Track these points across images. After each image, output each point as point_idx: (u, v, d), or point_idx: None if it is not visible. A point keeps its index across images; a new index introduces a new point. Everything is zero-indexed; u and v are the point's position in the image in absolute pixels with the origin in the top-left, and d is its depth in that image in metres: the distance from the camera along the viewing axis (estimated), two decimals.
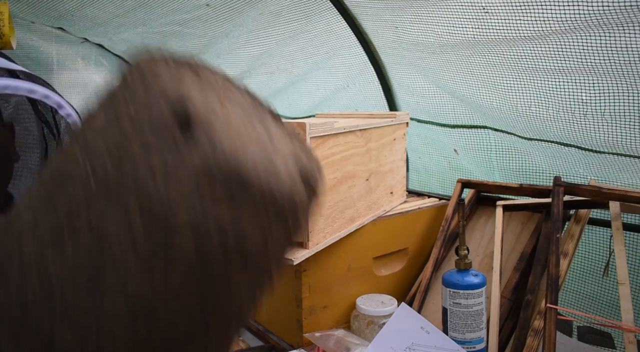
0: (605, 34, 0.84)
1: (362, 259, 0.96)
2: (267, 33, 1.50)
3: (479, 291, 0.79)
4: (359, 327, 0.89)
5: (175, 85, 0.31)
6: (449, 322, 0.80)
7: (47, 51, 1.85)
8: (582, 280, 1.11)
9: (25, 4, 1.49)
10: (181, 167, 0.29)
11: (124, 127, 0.30)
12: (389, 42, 1.27)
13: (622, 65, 0.86)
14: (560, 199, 0.89)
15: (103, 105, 0.33)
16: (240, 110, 0.37)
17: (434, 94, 1.30)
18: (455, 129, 1.32)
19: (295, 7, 1.33)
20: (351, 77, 1.53)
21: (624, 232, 0.81)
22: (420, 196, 1.20)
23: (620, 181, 1.01)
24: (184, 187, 0.29)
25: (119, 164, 0.30)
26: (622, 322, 0.72)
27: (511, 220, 0.99)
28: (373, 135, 0.96)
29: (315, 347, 0.84)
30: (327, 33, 1.40)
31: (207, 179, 0.29)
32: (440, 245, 1.00)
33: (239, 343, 0.95)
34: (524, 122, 1.10)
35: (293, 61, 1.60)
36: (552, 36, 0.91)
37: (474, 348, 0.79)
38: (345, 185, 0.88)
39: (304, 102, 1.78)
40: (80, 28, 1.75)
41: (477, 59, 1.07)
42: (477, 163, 1.30)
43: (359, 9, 1.25)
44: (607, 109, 0.93)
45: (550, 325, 0.74)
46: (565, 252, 0.85)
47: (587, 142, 1.02)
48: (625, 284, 0.75)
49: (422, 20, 1.10)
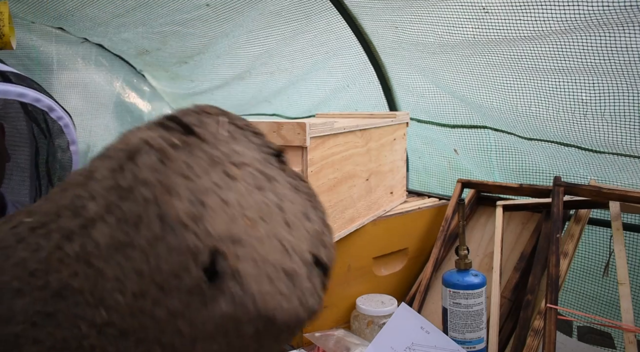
0: (605, 34, 0.84)
1: (362, 259, 0.96)
2: (267, 33, 1.50)
3: (479, 291, 0.79)
4: (359, 327, 0.89)
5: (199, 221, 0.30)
6: (449, 322, 0.80)
7: (47, 51, 1.84)
8: (582, 280, 1.11)
9: (25, 4, 1.49)
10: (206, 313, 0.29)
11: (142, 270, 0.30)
12: (389, 42, 1.27)
13: (622, 65, 0.86)
14: (560, 199, 0.88)
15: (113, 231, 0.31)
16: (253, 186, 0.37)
17: (434, 94, 1.30)
18: (455, 129, 1.32)
19: (295, 7, 1.33)
20: (351, 77, 1.53)
21: (624, 232, 0.81)
22: (420, 196, 1.20)
23: (620, 180, 1.01)
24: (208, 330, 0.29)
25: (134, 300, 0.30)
26: (622, 322, 0.72)
27: (511, 220, 0.99)
28: (373, 135, 0.96)
29: (315, 347, 0.84)
30: (327, 33, 1.40)
31: (235, 324, 0.29)
32: (440, 245, 1.00)
33: None
34: (524, 122, 1.10)
35: (293, 61, 1.60)
36: (552, 36, 0.91)
37: (474, 348, 0.79)
38: (345, 185, 0.88)
39: (304, 102, 1.78)
40: (80, 28, 1.75)
41: (477, 59, 1.07)
42: (477, 163, 1.30)
43: (359, 9, 1.25)
44: (607, 109, 0.93)
45: (550, 325, 0.74)
46: (565, 252, 0.85)
47: (587, 142, 1.02)
48: (625, 284, 0.75)
49: (422, 20, 1.10)
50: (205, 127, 0.37)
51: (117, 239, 0.30)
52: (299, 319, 0.32)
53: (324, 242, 0.40)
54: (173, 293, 0.29)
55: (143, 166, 0.30)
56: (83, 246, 0.32)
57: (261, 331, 0.30)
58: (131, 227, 0.30)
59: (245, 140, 0.41)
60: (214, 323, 0.29)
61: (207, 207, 0.31)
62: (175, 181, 0.31)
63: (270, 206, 0.38)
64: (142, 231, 0.29)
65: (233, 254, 0.30)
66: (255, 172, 0.39)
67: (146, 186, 0.30)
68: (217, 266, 0.29)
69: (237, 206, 0.34)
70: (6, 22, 0.98)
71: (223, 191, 0.34)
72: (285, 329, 0.31)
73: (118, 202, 0.31)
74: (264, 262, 0.32)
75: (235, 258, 0.30)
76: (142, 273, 0.29)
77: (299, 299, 0.33)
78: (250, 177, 0.38)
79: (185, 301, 0.29)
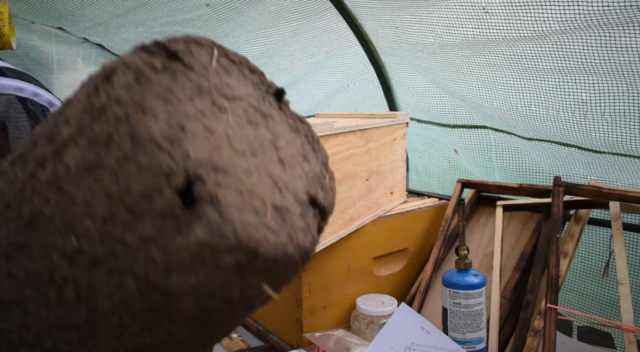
0: (605, 34, 0.84)
1: (362, 259, 0.96)
2: (267, 33, 1.50)
3: (479, 291, 0.79)
4: (359, 327, 0.89)
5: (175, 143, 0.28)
6: (449, 322, 0.80)
7: (47, 51, 1.85)
8: (582, 280, 1.11)
9: (25, 4, 1.49)
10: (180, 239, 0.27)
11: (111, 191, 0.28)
12: (389, 42, 1.27)
13: (622, 65, 0.86)
14: (560, 199, 0.89)
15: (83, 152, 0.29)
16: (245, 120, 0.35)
17: (434, 94, 1.30)
18: (455, 129, 1.32)
19: (295, 7, 1.33)
20: (351, 77, 1.53)
21: (624, 232, 0.81)
22: (420, 196, 1.20)
23: (620, 180, 1.01)
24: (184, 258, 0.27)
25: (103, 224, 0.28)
26: (622, 322, 0.72)
27: (511, 220, 0.99)
28: (373, 135, 0.96)
29: (315, 347, 0.84)
30: (327, 33, 1.40)
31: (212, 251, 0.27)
32: (440, 245, 1.00)
33: (239, 343, 0.95)
34: (524, 122, 1.10)
35: (293, 61, 1.60)
36: (552, 36, 0.91)
37: (474, 348, 0.79)
38: (345, 185, 0.88)
39: (304, 102, 1.78)
40: (80, 28, 1.75)
41: (477, 59, 1.07)
42: (477, 163, 1.30)
43: (359, 9, 1.25)
44: (607, 109, 0.93)
45: (550, 325, 0.74)
46: (565, 252, 0.85)
47: (587, 142, 1.02)
48: (625, 284, 0.75)
49: (422, 20, 1.10)
50: (194, 56, 0.33)
51: (87, 161, 0.29)
52: (287, 255, 0.30)
53: (323, 185, 0.38)
54: (144, 217, 0.27)
55: (117, 85, 0.28)
56: (54, 171, 0.30)
57: (243, 265, 0.28)
58: (101, 147, 0.28)
59: (241, 76, 0.38)
60: (189, 252, 0.27)
61: (188, 132, 0.29)
62: (152, 102, 0.28)
63: (263, 142, 0.35)
64: (112, 151, 0.27)
65: (213, 181, 0.28)
66: (249, 107, 0.36)
67: (118, 104, 0.28)
68: (194, 191, 0.27)
69: (223, 136, 0.31)
70: (6, 22, 0.98)
71: (208, 119, 0.31)
72: (272, 266, 0.29)
73: (90, 123, 0.29)
74: (250, 195, 0.30)
75: (216, 185, 0.28)
76: (112, 195, 0.27)
77: (288, 235, 0.30)
78: (242, 111, 0.35)
79: (157, 226, 0.27)
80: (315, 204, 0.36)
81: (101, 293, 0.29)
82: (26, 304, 0.32)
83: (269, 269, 0.29)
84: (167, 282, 0.27)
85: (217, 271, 0.27)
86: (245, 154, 0.32)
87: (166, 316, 0.29)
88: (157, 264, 0.27)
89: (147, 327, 0.29)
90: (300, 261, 0.31)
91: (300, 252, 0.31)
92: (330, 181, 0.39)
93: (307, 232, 0.33)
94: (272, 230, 0.29)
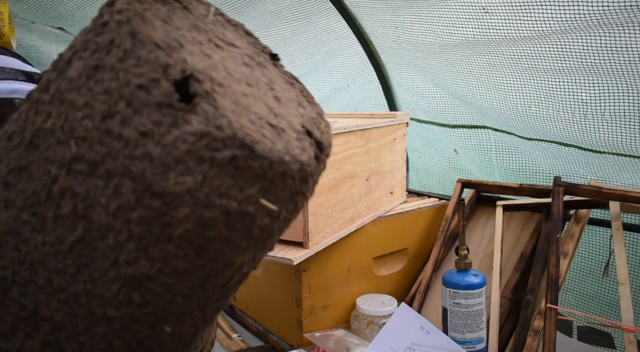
0: (605, 34, 0.84)
1: (362, 259, 0.96)
2: (267, 33, 1.50)
3: (479, 291, 0.79)
4: (359, 327, 0.89)
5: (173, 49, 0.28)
6: (449, 322, 0.80)
7: (47, 51, 1.84)
8: (582, 280, 1.11)
9: (25, 4, 1.49)
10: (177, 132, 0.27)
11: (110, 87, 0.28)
12: (389, 42, 1.27)
13: (622, 65, 0.86)
14: (560, 199, 0.89)
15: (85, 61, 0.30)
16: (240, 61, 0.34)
17: (434, 94, 1.30)
18: (455, 129, 1.32)
19: (295, 7, 1.33)
20: (351, 77, 1.53)
21: (624, 232, 0.81)
22: (420, 196, 1.20)
23: (620, 180, 1.01)
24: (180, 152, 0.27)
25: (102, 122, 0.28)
26: (622, 322, 0.72)
27: (511, 220, 0.99)
28: (373, 135, 0.96)
29: (315, 347, 0.84)
30: (327, 33, 1.40)
31: (208, 143, 0.27)
32: (440, 245, 1.00)
33: (239, 343, 0.95)
34: (524, 122, 1.10)
35: (293, 61, 1.60)
36: (552, 36, 0.91)
37: (474, 348, 0.79)
38: (345, 185, 0.88)
39: None
40: (80, 28, 1.74)
41: (477, 59, 1.07)
42: (477, 163, 1.30)
43: (359, 9, 1.25)
44: (607, 109, 0.93)
45: (550, 325, 0.74)
46: (565, 252, 0.85)
47: (587, 142, 1.02)
48: (625, 284, 0.75)
49: (422, 20, 1.10)
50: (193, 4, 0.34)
51: (89, 66, 0.29)
52: (284, 162, 0.29)
53: (319, 127, 0.37)
54: (142, 110, 0.27)
55: (119, 3, 0.29)
56: (57, 87, 0.30)
57: (240, 166, 0.27)
58: (103, 51, 0.28)
59: (237, 34, 0.38)
60: (185, 144, 0.26)
61: (185, 48, 0.29)
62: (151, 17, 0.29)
63: (258, 80, 0.34)
64: (113, 51, 0.28)
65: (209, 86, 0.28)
66: (244, 55, 0.36)
67: (120, 13, 0.28)
68: (190, 88, 0.27)
69: (219, 62, 0.31)
70: (6, 22, 0.98)
71: (205, 47, 0.31)
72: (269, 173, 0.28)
73: (94, 38, 0.29)
74: (245, 109, 0.29)
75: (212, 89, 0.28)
76: (111, 91, 0.28)
77: (284, 146, 0.30)
78: (237, 55, 0.35)
79: (155, 118, 0.27)
80: (312, 137, 0.35)
81: (98, 203, 0.28)
82: (22, 232, 0.31)
83: (266, 179, 0.28)
84: (164, 182, 0.27)
85: (213, 171, 0.27)
86: (240, 82, 0.32)
87: (163, 232, 0.28)
88: (153, 160, 0.27)
89: (144, 248, 0.28)
90: (297, 176, 0.30)
91: (297, 165, 0.30)
92: (326, 127, 0.38)
93: (303, 151, 0.32)
94: (268, 138, 0.29)
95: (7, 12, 0.98)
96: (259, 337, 0.99)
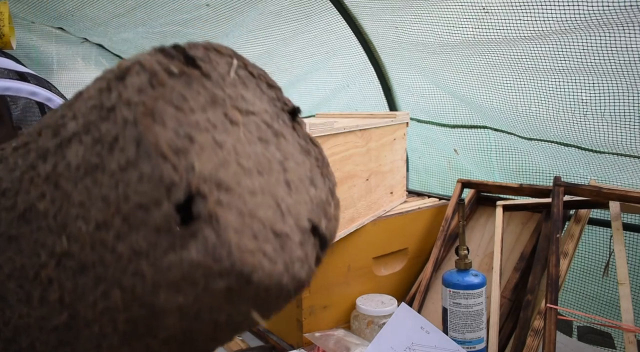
0: (605, 34, 0.84)
1: (362, 259, 0.96)
2: (267, 33, 1.50)
3: (479, 291, 0.79)
4: (359, 327, 0.89)
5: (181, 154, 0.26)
6: (449, 322, 0.80)
7: (47, 51, 1.84)
8: (582, 280, 1.11)
9: (25, 4, 1.49)
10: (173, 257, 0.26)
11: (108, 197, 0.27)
12: (389, 42, 1.27)
13: (622, 65, 0.86)
14: (560, 199, 0.88)
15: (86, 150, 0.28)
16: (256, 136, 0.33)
17: (434, 94, 1.30)
18: (455, 129, 1.32)
19: (295, 7, 1.33)
20: (351, 77, 1.53)
21: (624, 232, 0.81)
22: (420, 196, 1.20)
23: (620, 180, 1.01)
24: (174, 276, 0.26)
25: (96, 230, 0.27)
26: (622, 322, 0.72)
27: (511, 220, 0.99)
28: (373, 135, 0.96)
29: (315, 347, 0.84)
30: (327, 33, 1.40)
31: (204, 273, 0.26)
32: (440, 245, 1.00)
33: (239, 343, 0.95)
34: (524, 122, 1.10)
35: (293, 61, 1.60)
36: (552, 36, 0.91)
37: (474, 348, 0.79)
38: (345, 185, 0.88)
39: (304, 102, 1.78)
40: (80, 28, 1.75)
41: (477, 59, 1.07)
42: (477, 163, 1.30)
43: (359, 9, 1.25)
44: (607, 109, 0.93)
45: (550, 325, 0.74)
46: (565, 252, 0.85)
47: (587, 142, 1.02)
48: (625, 284, 0.75)
49: (422, 20, 1.10)
50: (212, 64, 0.32)
51: (89, 161, 0.27)
52: (281, 286, 0.28)
53: (327, 213, 0.36)
54: (139, 229, 0.26)
55: (130, 86, 0.27)
56: (55, 166, 0.29)
57: (234, 291, 0.26)
58: (105, 149, 0.27)
59: (258, 90, 0.36)
60: (180, 270, 0.25)
61: (195, 144, 0.27)
62: (163, 108, 0.27)
63: (271, 162, 0.33)
64: (116, 154, 0.26)
65: (215, 199, 0.26)
66: (262, 123, 0.34)
67: (128, 107, 0.26)
68: (194, 208, 0.26)
69: (231, 151, 0.30)
70: (6, 22, 0.98)
71: (218, 132, 0.30)
72: (263, 295, 0.28)
73: (98, 122, 0.28)
74: (251, 217, 0.28)
75: (217, 203, 0.26)
76: (109, 201, 0.26)
77: (284, 265, 0.29)
78: (254, 127, 0.33)
79: (151, 239, 0.26)
80: (317, 233, 0.34)
81: (85, 300, 0.28)
82: (8, 298, 0.31)
83: (260, 297, 0.28)
84: (154, 298, 0.27)
85: (206, 294, 0.26)
86: (251, 173, 0.31)
87: (148, 331, 0.28)
88: (145, 279, 0.26)
89: (128, 341, 0.29)
90: (293, 292, 0.30)
91: (295, 283, 0.30)
92: (335, 210, 0.37)
93: (304, 263, 0.31)
94: (268, 257, 0.28)
95: (7, 12, 0.98)
96: (259, 337, 0.99)
